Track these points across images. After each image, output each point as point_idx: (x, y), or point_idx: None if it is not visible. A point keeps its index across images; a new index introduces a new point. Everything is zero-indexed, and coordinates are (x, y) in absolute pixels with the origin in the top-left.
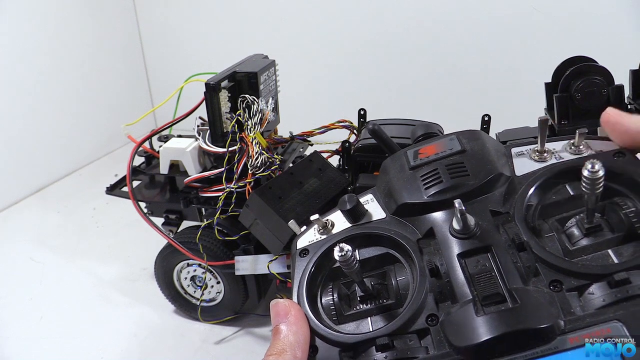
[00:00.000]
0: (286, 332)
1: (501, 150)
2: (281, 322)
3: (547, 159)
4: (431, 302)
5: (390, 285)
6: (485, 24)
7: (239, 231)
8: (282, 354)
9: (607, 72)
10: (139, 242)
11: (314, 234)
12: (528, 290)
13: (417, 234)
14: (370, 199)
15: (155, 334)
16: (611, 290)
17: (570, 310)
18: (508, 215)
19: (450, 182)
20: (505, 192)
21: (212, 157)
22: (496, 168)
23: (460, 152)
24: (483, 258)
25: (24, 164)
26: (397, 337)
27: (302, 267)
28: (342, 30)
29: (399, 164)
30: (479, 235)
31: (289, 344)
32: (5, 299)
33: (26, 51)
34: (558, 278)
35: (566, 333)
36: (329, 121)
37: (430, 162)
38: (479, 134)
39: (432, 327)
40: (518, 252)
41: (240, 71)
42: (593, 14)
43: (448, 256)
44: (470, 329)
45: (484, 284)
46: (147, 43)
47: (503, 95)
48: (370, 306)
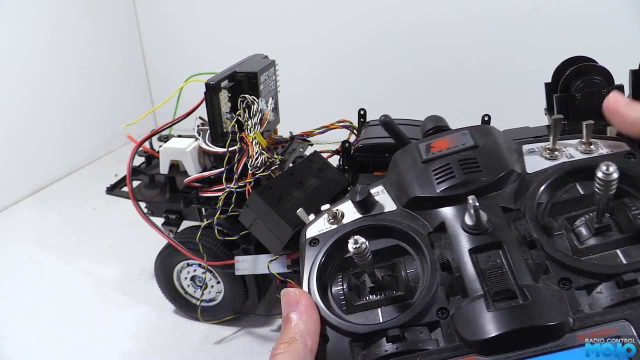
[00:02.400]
0: (297, 321)
1: (513, 147)
2: (292, 310)
3: (558, 157)
4: (442, 295)
5: (400, 277)
6: (485, 24)
7: (239, 231)
8: (292, 342)
9: (607, 72)
10: (139, 242)
11: (323, 223)
12: (538, 287)
13: (428, 228)
14: (380, 190)
15: (155, 334)
16: (619, 290)
17: (579, 309)
18: (519, 212)
19: (462, 177)
20: (517, 189)
21: (212, 157)
22: (508, 165)
23: (473, 147)
24: (494, 254)
25: (24, 164)
26: (408, 328)
27: (313, 257)
28: (342, 30)
29: (411, 157)
30: (491, 231)
31: (299, 333)
32: (5, 299)
33: (26, 51)
34: (567, 276)
35: (575, 330)
36: (329, 121)
37: (443, 156)
38: (492, 129)
39: (442, 320)
40: (529, 250)
41: (240, 71)
42: (593, 14)
43: (459, 251)
44: (480, 323)
45: (495, 279)
46: (147, 43)
47: (503, 95)
48: (380, 297)
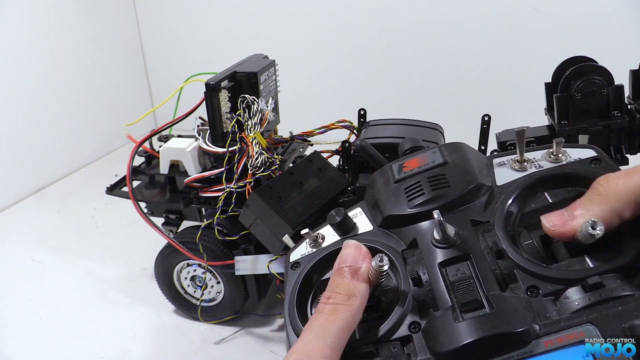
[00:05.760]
0: (359, 276)
1: (483, 161)
2: (361, 263)
3: (527, 168)
4: (414, 310)
5: (377, 295)
6: (485, 24)
7: (239, 231)
8: (351, 297)
9: (607, 72)
10: (139, 242)
11: (305, 247)
12: (504, 296)
13: (402, 245)
14: (358, 212)
15: (155, 334)
16: (585, 294)
17: (545, 315)
18: (489, 223)
19: (431, 193)
20: (486, 202)
21: (212, 157)
22: (476, 179)
23: (442, 164)
24: (463, 266)
25: (24, 164)
26: (381, 344)
27: (293, 280)
28: (342, 30)
29: (385, 178)
30: (459, 244)
31: (360, 290)
32: (5, 299)
33: (26, 51)
34: (535, 284)
35: (540, 337)
36: (329, 121)
37: (414, 175)
38: (461, 146)
39: (414, 335)
40: (497, 260)
41: (240, 71)
42: (593, 14)
43: (430, 265)
44: (448, 334)
45: (462, 291)
46: (147, 43)
47: (503, 95)
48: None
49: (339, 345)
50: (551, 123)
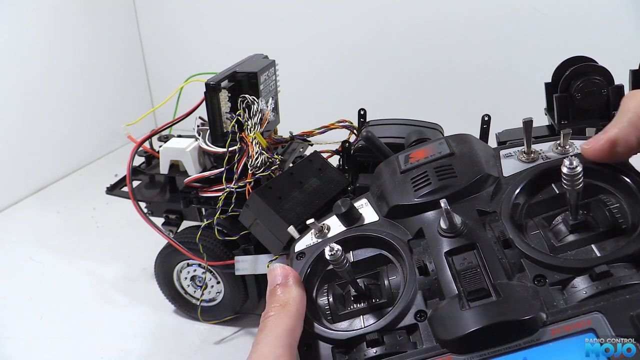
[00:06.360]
0: (288, 289)
1: (490, 153)
2: (281, 282)
3: (534, 160)
4: (420, 299)
5: (382, 285)
6: (485, 24)
7: (239, 231)
8: (285, 306)
9: (607, 72)
10: (139, 242)
11: (310, 238)
12: (511, 284)
13: (408, 235)
14: (364, 203)
15: (155, 334)
16: (592, 283)
17: (553, 304)
18: (495, 214)
19: (438, 183)
20: (493, 192)
21: (212, 157)
22: (483, 169)
23: (449, 155)
24: (469, 255)
25: (24, 164)
26: (387, 333)
27: (298, 270)
28: (342, 30)
29: (391, 168)
30: (466, 233)
31: (292, 298)
32: (5, 299)
33: (26, 51)
34: (542, 273)
35: (548, 325)
36: (329, 121)
37: (420, 165)
38: (468, 137)
39: (420, 323)
40: (503, 249)
41: (240, 71)
42: (593, 14)
43: (436, 254)
44: (455, 322)
45: (469, 279)
46: (147, 43)
47: (503, 95)
48: (363, 305)
49: (288, 344)
50: (551, 123)
